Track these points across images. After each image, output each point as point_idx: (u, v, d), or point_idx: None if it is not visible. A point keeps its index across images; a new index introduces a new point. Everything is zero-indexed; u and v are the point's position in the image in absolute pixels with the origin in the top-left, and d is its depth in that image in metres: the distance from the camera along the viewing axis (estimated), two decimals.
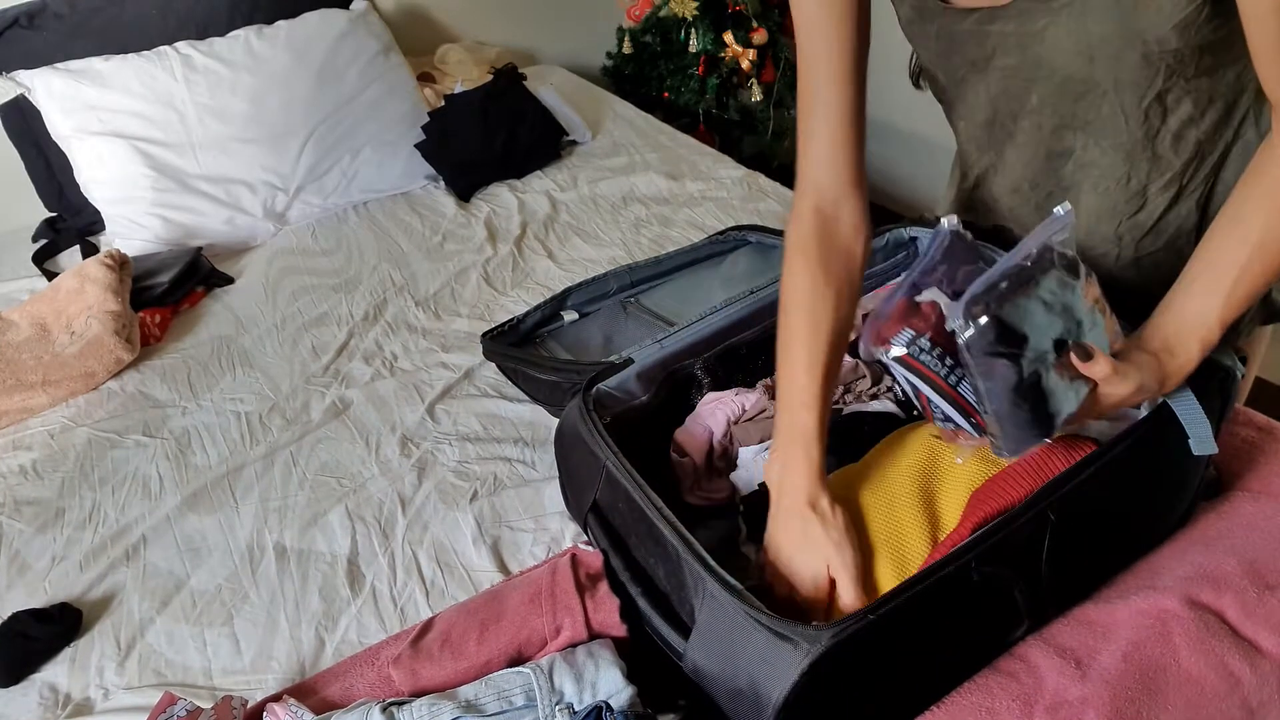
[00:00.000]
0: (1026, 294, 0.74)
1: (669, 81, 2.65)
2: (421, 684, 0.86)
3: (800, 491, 0.84)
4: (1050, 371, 0.76)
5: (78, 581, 1.12)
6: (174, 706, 0.87)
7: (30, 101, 1.88)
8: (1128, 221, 0.98)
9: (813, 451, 0.86)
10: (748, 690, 0.73)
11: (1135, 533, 0.92)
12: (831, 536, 0.83)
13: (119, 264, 1.60)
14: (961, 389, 0.79)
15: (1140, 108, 0.88)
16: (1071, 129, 0.93)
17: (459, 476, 1.22)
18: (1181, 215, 0.96)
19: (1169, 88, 0.86)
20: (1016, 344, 0.74)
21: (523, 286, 1.66)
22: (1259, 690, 0.82)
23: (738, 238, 1.52)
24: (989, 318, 0.73)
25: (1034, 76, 0.90)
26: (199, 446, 1.33)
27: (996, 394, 0.75)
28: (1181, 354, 0.82)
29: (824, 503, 0.84)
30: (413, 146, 2.04)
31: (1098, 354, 0.77)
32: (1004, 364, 0.74)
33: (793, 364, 0.89)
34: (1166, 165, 0.93)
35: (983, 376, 0.74)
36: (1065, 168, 0.98)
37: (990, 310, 0.73)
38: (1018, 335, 0.74)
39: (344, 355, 1.50)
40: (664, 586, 0.85)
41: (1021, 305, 0.74)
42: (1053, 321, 0.76)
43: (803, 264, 0.91)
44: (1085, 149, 0.95)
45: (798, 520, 0.84)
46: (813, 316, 0.89)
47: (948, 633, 0.79)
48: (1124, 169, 0.94)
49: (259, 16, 2.02)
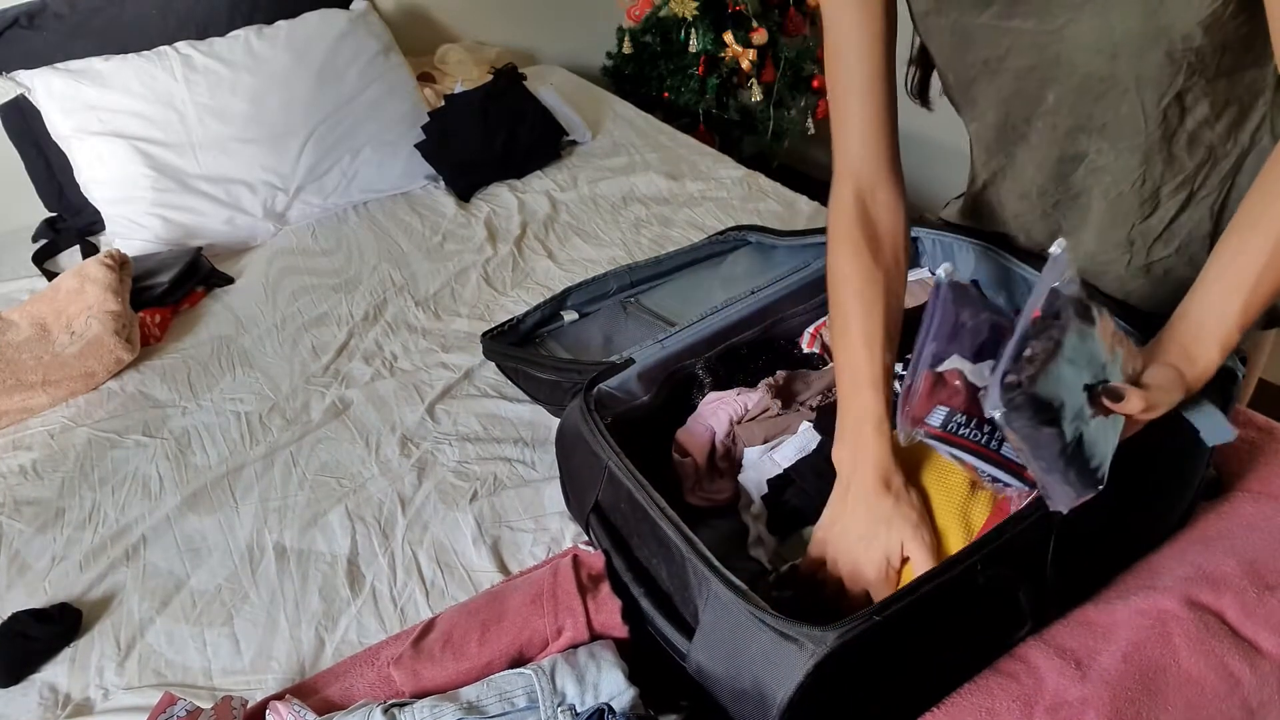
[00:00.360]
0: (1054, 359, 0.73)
1: (669, 81, 2.65)
2: (423, 685, 0.86)
3: (875, 470, 0.84)
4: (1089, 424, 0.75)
5: (78, 581, 1.12)
6: (174, 707, 0.87)
7: (30, 101, 1.88)
8: (1140, 226, 0.97)
9: (884, 430, 0.85)
10: (752, 691, 0.73)
11: (1136, 533, 0.92)
12: (910, 516, 0.83)
13: (119, 264, 1.60)
14: (1005, 451, 0.79)
15: (1159, 107, 0.87)
16: (1086, 131, 0.92)
17: (459, 476, 1.22)
18: (1194, 220, 0.95)
19: (1189, 87, 0.85)
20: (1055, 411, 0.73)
21: (523, 286, 1.65)
22: (1259, 690, 0.82)
23: (738, 238, 1.51)
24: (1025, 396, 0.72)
25: (1051, 76, 0.89)
26: (199, 446, 1.33)
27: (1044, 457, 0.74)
28: (1202, 360, 0.81)
29: (898, 481, 0.84)
30: (413, 146, 2.04)
31: (1128, 392, 0.76)
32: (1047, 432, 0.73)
33: (851, 347, 0.88)
34: (1180, 167, 0.92)
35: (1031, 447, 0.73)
36: (1076, 174, 0.97)
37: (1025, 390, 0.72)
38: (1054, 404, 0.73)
39: (344, 355, 1.50)
40: (667, 587, 0.85)
41: (1051, 373, 0.73)
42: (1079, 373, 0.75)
43: (849, 249, 0.91)
44: (1099, 153, 0.93)
45: (874, 500, 0.84)
46: (864, 299, 0.89)
47: (952, 634, 0.79)
48: (1139, 171, 0.92)
49: (259, 16, 2.02)
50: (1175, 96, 0.86)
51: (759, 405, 1.05)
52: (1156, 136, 0.90)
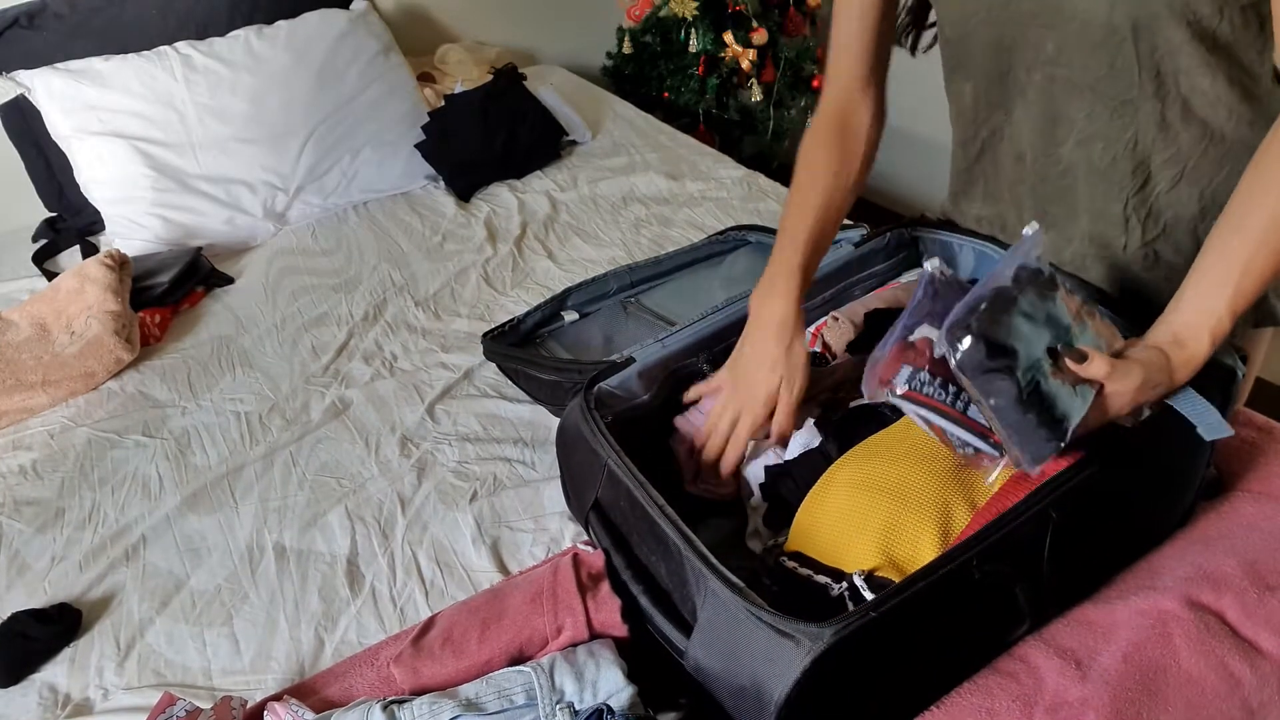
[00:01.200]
0: (1006, 311, 0.77)
1: (669, 81, 2.65)
2: (423, 682, 0.86)
3: (775, 316, 0.94)
4: (1049, 379, 0.77)
5: (77, 581, 1.12)
6: (173, 707, 0.87)
7: (30, 101, 1.88)
8: (1134, 198, 0.98)
9: (793, 284, 0.96)
10: (750, 688, 0.73)
11: (1136, 532, 0.92)
12: (791, 361, 0.92)
13: (119, 264, 1.60)
14: (971, 413, 0.81)
15: (1153, 60, 0.89)
16: (1080, 89, 0.94)
17: (459, 477, 1.22)
18: (1182, 199, 0.96)
19: (1186, 49, 0.87)
20: (1007, 357, 0.76)
21: (523, 286, 1.65)
22: (1259, 691, 0.82)
23: (738, 238, 1.52)
24: (973, 337, 0.75)
25: (1052, 23, 0.91)
26: (199, 446, 1.33)
27: (1002, 408, 0.76)
28: (1191, 345, 0.82)
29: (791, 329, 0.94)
30: (413, 146, 2.04)
31: (1092, 354, 0.78)
32: (1000, 378, 0.76)
33: (791, 214, 1.03)
34: (1173, 137, 0.93)
35: (984, 395, 0.76)
36: (1065, 146, 0.98)
37: (972, 330, 0.75)
38: (1007, 349, 0.76)
39: (344, 355, 1.50)
40: (666, 584, 0.85)
41: (1003, 321, 0.77)
42: (1039, 332, 0.78)
43: (813, 140, 1.05)
44: (1089, 118, 0.95)
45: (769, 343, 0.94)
46: (815, 177, 1.03)
47: (950, 630, 0.79)
48: (1130, 131, 0.94)
49: (259, 16, 2.02)
50: (1169, 52, 0.88)
51: None
52: (1149, 93, 0.91)
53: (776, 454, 1.01)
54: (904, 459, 0.88)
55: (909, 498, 0.85)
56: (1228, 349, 0.92)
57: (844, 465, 0.92)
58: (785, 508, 0.95)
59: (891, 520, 0.84)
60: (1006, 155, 1.06)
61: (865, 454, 0.92)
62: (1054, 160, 1.00)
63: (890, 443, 0.92)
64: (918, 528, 0.83)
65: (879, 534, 0.84)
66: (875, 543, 0.83)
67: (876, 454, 0.91)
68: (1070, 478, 0.81)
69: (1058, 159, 1.00)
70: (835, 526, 0.87)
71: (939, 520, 0.83)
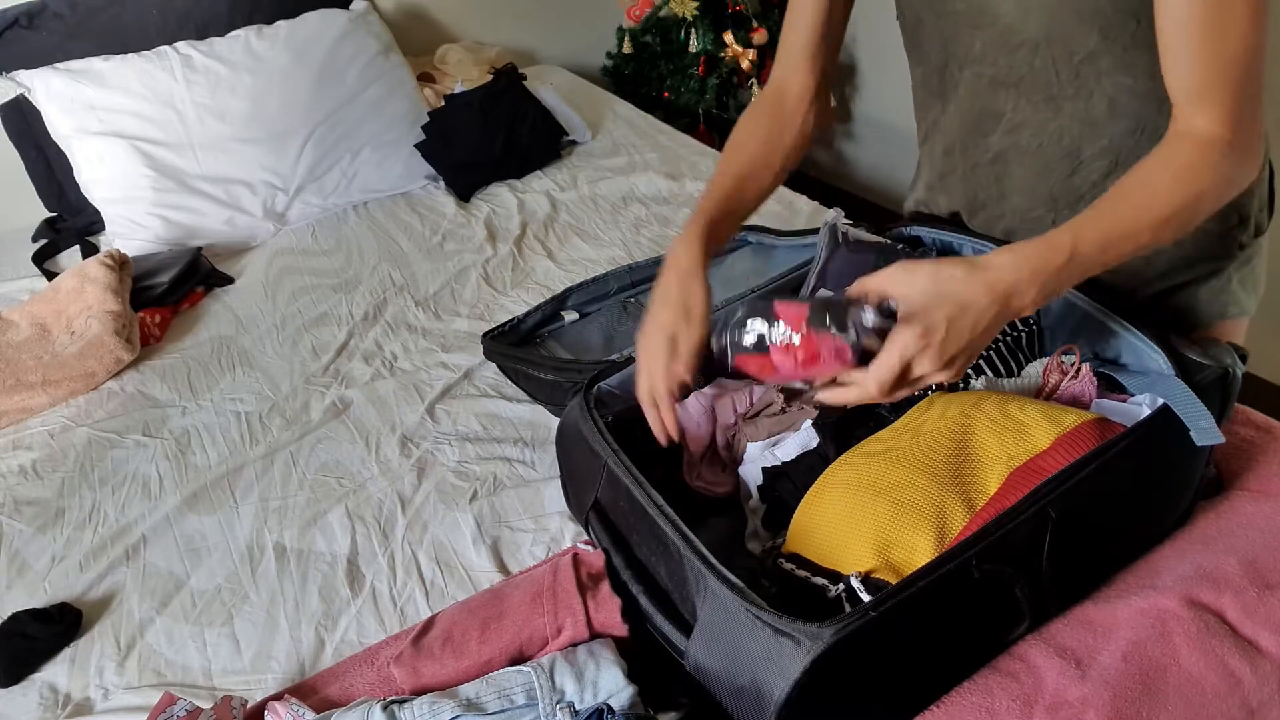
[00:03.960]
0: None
1: (669, 81, 2.65)
2: (423, 682, 0.86)
3: (679, 260, 0.96)
4: None
5: (78, 581, 1.12)
6: (174, 706, 0.87)
7: (30, 101, 1.88)
8: (1062, 184, 1.00)
9: (697, 229, 0.98)
10: (750, 687, 0.73)
11: (1135, 531, 0.92)
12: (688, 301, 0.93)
13: (119, 264, 1.60)
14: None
15: (1072, 63, 0.91)
16: (1005, 86, 0.97)
17: (459, 476, 1.22)
18: None
19: (1102, 51, 0.89)
20: None
21: (523, 286, 1.66)
22: (1259, 690, 0.82)
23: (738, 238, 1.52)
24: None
25: (979, 23, 0.95)
26: (199, 446, 1.33)
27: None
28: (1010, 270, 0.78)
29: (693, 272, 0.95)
30: (413, 146, 2.04)
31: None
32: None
33: (715, 174, 1.06)
34: (1101, 130, 0.95)
35: None
36: (993, 135, 1.01)
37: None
38: None
39: (344, 355, 1.50)
40: (665, 584, 0.85)
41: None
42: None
43: (749, 111, 1.11)
44: (1015, 110, 0.98)
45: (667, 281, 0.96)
46: (743, 145, 1.07)
47: (950, 630, 0.79)
48: (1055, 123, 0.97)
49: (259, 16, 2.03)
50: (1088, 56, 0.90)
51: (763, 400, 1.05)
52: (1070, 93, 0.94)
53: (774, 455, 1.01)
54: (901, 460, 0.88)
55: (905, 500, 0.84)
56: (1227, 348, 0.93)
57: (841, 467, 0.91)
58: (783, 509, 0.95)
59: (887, 522, 0.83)
60: (939, 147, 1.10)
61: (862, 455, 0.92)
62: (983, 150, 1.04)
63: (888, 444, 0.92)
64: (914, 530, 0.82)
65: (875, 536, 0.83)
66: (871, 545, 0.83)
67: (874, 455, 0.91)
68: (1070, 477, 0.81)
69: (986, 148, 1.03)
70: (832, 528, 0.87)
71: (935, 522, 0.82)
